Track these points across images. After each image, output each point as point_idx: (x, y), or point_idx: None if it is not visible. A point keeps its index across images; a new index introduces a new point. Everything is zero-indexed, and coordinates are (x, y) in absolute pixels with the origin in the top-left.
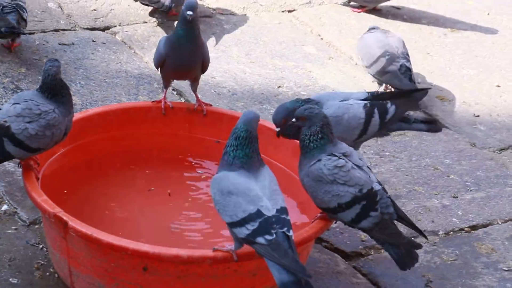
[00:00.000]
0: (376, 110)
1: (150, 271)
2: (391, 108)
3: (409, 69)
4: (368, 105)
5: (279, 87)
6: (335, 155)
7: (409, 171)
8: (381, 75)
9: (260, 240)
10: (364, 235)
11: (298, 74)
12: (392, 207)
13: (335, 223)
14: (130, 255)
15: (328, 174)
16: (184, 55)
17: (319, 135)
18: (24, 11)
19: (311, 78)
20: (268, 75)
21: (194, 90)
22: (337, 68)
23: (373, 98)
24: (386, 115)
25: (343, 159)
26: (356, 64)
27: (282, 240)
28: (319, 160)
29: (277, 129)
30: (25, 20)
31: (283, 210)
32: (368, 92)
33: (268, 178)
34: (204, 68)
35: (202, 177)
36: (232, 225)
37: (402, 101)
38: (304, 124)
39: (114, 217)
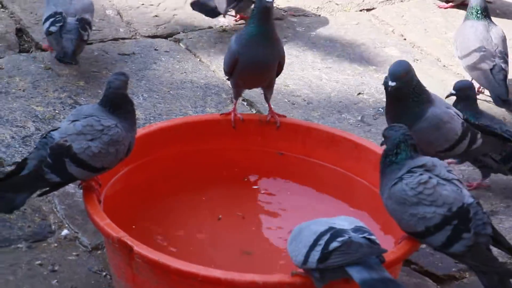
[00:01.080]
0: (469, 134)
1: None
2: (479, 140)
3: (504, 70)
4: (465, 125)
5: (359, 94)
6: (416, 171)
7: (506, 184)
8: (471, 70)
9: (334, 245)
10: None
11: (380, 79)
12: (490, 227)
13: None
14: (200, 282)
15: (412, 195)
16: (259, 52)
17: (395, 151)
18: (88, 28)
19: None
20: (347, 81)
21: (268, 99)
22: (423, 71)
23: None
24: (473, 144)
25: (426, 174)
26: (444, 66)
27: (359, 240)
28: (400, 179)
29: (392, 84)
30: (85, 41)
31: (362, 227)
32: (463, 116)
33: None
34: (280, 69)
35: (275, 195)
36: (306, 258)
37: (489, 139)
38: (386, 143)
39: (182, 243)
